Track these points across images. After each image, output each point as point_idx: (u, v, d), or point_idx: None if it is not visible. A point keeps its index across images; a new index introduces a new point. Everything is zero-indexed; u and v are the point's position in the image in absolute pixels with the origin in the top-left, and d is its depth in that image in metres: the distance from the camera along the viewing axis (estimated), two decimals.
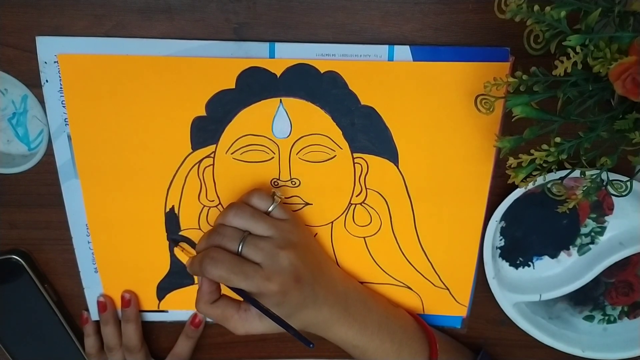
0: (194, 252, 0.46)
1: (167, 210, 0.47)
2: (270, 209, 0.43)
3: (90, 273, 0.50)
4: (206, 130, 0.44)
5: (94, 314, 0.51)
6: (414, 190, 0.46)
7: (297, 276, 0.40)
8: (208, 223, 0.48)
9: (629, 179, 0.39)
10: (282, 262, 0.40)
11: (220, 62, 0.42)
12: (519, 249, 0.50)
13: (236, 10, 0.41)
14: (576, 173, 0.38)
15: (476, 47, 0.41)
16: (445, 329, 0.53)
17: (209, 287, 0.42)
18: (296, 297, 0.40)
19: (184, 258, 0.49)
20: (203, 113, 0.44)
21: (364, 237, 0.48)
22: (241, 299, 0.42)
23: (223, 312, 0.42)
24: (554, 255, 0.51)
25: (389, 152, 0.45)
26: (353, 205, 0.47)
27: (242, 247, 0.40)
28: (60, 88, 0.43)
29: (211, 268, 0.39)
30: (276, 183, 0.46)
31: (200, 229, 0.48)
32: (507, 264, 0.51)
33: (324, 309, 0.43)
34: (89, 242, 0.49)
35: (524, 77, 0.34)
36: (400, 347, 0.46)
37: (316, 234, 0.48)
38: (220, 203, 0.47)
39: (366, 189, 0.46)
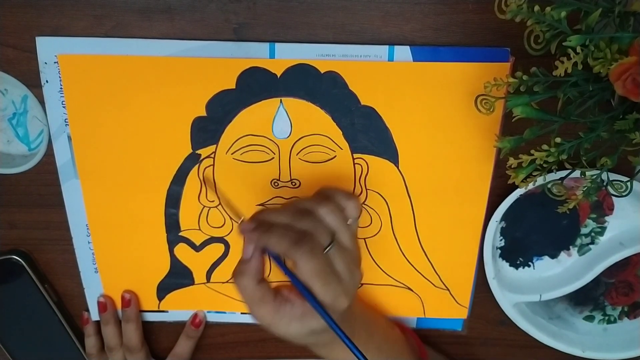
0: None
1: (167, 210, 0.47)
2: (350, 222, 0.39)
3: (90, 273, 0.50)
4: (206, 131, 0.44)
5: (94, 314, 0.51)
6: (414, 191, 0.46)
7: (355, 298, 0.38)
8: (208, 224, 0.48)
9: (629, 179, 0.39)
10: (356, 280, 0.37)
11: (221, 62, 0.42)
12: (519, 249, 0.50)
13: (236, 11, 0.41)
14: (576, 173, 0.38)
15: (476, 47, 0.41)
16: (446, 331, 0.53)
17: (260, 263, 0.37)
18: (343, 318, 0.37)
19: (185, 258, 0.49)
20: (203, 113, 0.44)
21: (364, 239, 0.48)
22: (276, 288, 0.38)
23: (264, 295, 0.36)
24: (554, 255, 0.51)
25: (389, 152, 0.45)
26: None
27: (330, 249, 0.36)
28: (61, 88, 0.43)
29: (308, 256, 0.34)
30: (276, 183, 0.46)
31: (200, 229, 0.48)
32: (507, 264, 0.51)
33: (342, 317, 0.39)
34: (89, 243, 0.49)
35: (524, 77, 0.34)
36: None
37: None
38: (220, 203, 0.47)
39: (366, 189, 0.46)
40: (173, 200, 0.47)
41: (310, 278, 0.35)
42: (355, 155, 0.45)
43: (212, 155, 0.45)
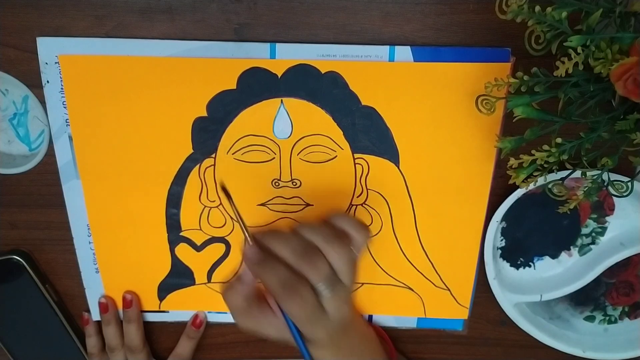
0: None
1: (168, 210, 0.47)
2: (356, 255, 0.38)
3: (91, 273, 0.50)
4: (207, 131, 0.44)
5: (95, 315, 0.51)
6: (415, 191, 0.46)
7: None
8: (209, 224, 0.48)
9: (629, 179, 0.39)
10: (342, 315, 0.37)
11: (221, 62, 0.42)
12: (519, 249, 0.50)
13: (237, 11, 0.41)
14: (577, 173, 0.39)
15: (477, 47, 0.41)
16: (446, 331, 0.53)
17: (252, 288, 0.39)
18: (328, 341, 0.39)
19: (186, 258, 0.49)
20: (204, 113, 0.44)
21: None
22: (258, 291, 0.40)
23: (249, 307, 0.39)
24: (554, 255, 0.51)
25: (390, 152, 0.45)
26: (354, 206, 0.47)
27: (326, 292, 0.36)
28: (61, 89, 0.43)
29: (293, 304, 0.35)
30: (277, 183, 0.46)
31: (201, 229, 0.48)
32: (508, 264, 0.51)
33: (323, 344, 0.40)
34: (90, 243, 0.49)
35: (525, 77, 0.34)
36: None
37: None
38: (221, 203, 0.47)
39: (367, 189, 0.46)
40: (174, 200, 0.47)
41: (296, 321, 0.36)
42: (356, 155, 0.45)
43: (213, 156, 0.45)
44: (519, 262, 0.51)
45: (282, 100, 0.43)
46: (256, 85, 0.43)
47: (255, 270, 0.37)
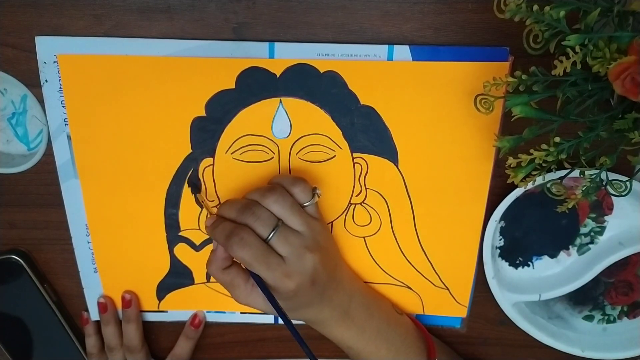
0: (211, 207, 0.46)
1: (167, 210, 0.47)
2: (307, 204, 0.42)
3: (89, 273, 0.50)
4: (206, 131, 0.44)
5: (94, 314, 0.51)
6: (414, 190, 0.46)
7: (314, 279, 0.40)
8: None
9: (628, 178, 0.39)
10: (305, 264, 0.40)
11: (220, 62, 0.42)
12: (518, 248, 0.50)
13: (236, 10, 0.41)
14: (575, 173, 0.38)
15: (475, 46, 0.41)
16: (445, 329, 0.53)
17: (223, 253, 0.41)
18: (304, 298, 0.41)
19: (185, 258, 0.49)
20: (203, 113, 0.44)
21: (364, 237, 0.48)
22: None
23: (232, 280, 0.41)
24: (553, 255, 0.51)
25: (389, 151, 0.45)
26: (353, 205, 0.47)
27: (272, 236, 0.39)
28: (60, 88, 0.43)
29: (237, 248, 0.38)
30: None
31: (200, 229, 0.48)
32: (507, 263, 0.51)
33: (326, 309, 0.43)
34: (88, 242, 0.49)
35: (524, 76, 0.34)
36: (396, 355, 0.46)
37: (329, 229, 0.48)
38: (220, 203, 0.47)
39: (366, 188, 0.46)
40: (173, 200, 0.47)
41: (249, 265, 0.39)
42: (354, 155, 0.45)
43: (212, 155, 0.45)
44: (517, 262, 0.51)
45: (280, 99, 0.43)
46: (255, 85, 0.43)
47: (209, 232, 0.41)
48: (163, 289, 0.51)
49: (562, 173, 0.40)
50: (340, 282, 0.45)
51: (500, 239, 0.50)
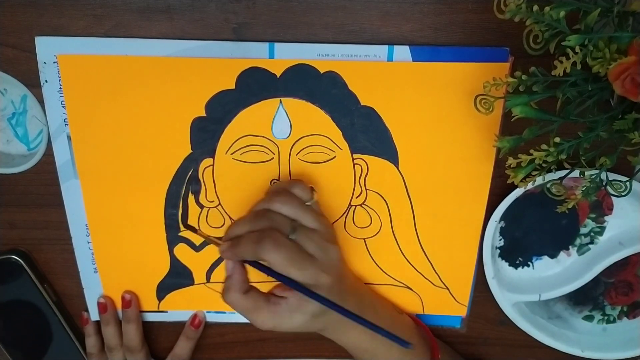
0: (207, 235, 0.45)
1: (167, 210, 0.47)
2: (309, 203, 0.41)
3: (89, 273, 0.50)
4: (206, 131, 0.44)
5: (94, 314, 0.51)
6: (414, 191, 0.46)
7: (341, 272, 0.40)
8: (208, 224, 0.48)
9: (628, 179, 0.39)
10: (332, 256, 0.39)
11: (220, 62, 0.42)
12: (518, 249, 0.50)
13: (236, 10, 0.41)
14: (575, 173, 0.39)
15: (475, 47, 0.41)
16: (445, 329, 0.53)
17: (242, 275, 0.39)
18: (336, 294, 0.39)
19: (185, 259, 0.49)
20: (203, 114, 0.44)
21: (364, 239, 0.48)
22: (268, 292, 0.41)
23: (255, 303, 0.39)
24: (553, 255, 0.51)
25: (389, 152, 0.45)
26: (353, 207, 0.47)
27: (295, 236, 0.38)
28: (60, 88, 0.43)
29: (272, 250, 0.36)
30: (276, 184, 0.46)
31: (200, 229, 0.48)
32: (507, 264, 0.51)
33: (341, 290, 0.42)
34: (88, 242, 0.49)
35: (524, 77, 0.34)
36: (405, 355, 0.45)
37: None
38: (220, 204, 0.47)
39: (366, 189, 0.46)
40: (173, 200, 0.47)
41: (284, 268, 0.37)
42: (355, 156, 0.45)
43: (212, 156, 0.45)
44: (517, 262, 0.51)
45: (281, 100, 0.43)
46: (255, 85, 0.43)
47: (230, 253, 0.39)
48: (163, 289, 0.51)
49: (562, 173, 0.40)
50: (352, 282, 0.45)
51: (500, 239, 0.50)
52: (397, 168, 0.45)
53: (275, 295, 0.40)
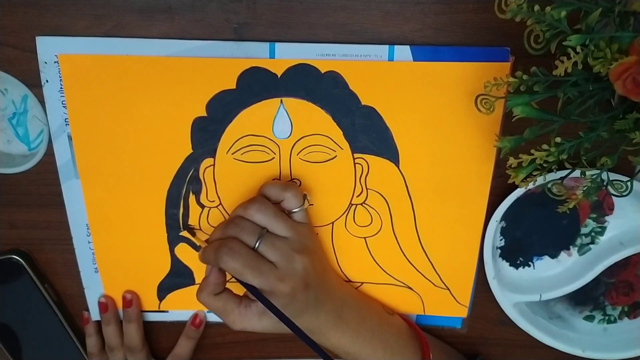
0: (203, 241, 0.47)
1: (168, 210, 0.47)
2: (297, 210, 0.43)
3: (90, 273, 0.50)
4: (207, 131, 0.44)
5: (95, 314, 0.51)
6: (415, 191, 0.46)
7: (306, 282, 0.41)
8: (209, 224, 0.48)
9: (629, 179, 0.39)
10: (296, 266, 0.40)
11: (221, 62, 0.42)
12: (519, 249, 0.50)
13: (236, 10, 0.41)
14: (576, 173, 0.39)
15: (476, 47, 0.41)
16: (445, 329, 0.53)
17: (216, 278, 0.42)
18: (301, 302, 0.41)
19: (185, 258, 0.49)
20: (203, 113, 0.44)
21: (365, 238, 0.48)
22: (242, 294, 0.42)
23: (224, 305, 0.42)
24: (554, 255, 0.51)
25: (390, 152, 0.45)
26: (354, 206, 0.47)
27: (259, 244, 0.40)
28: (61, 88, 0.43)
29: (227, 258, 0.38)
30: None
31: (200, 229, 0.48)
32: (508, 264, 0.51)
33: (321, 315, 0.43)
34: (89, 242, 0.49)
35: (524, 77, 0.34)
36: (392, 355, 0.46)
37: (317, 234, 0.48)
38: (220, 204, 0.47)
39: (367, 189, 0.46)
40: (173, 200, 0.47)
41: (239, 275, 0.39)
42: (355, 155, 0.45)
43: (213, 156, 0.45)
44: (518, 262, 0.51)
45: (281, 100, 0.43)
46: (256, 85, 0.43)
47: (201, 259, 0.42)
48: (164, 289, 0.51)
49: (563, 173, 0.40)
50: (331, 287, 0.45)
51: (501, 239, 0.50)
52: (398, 168, 0.45)
53: (248, 298, 0.42)
